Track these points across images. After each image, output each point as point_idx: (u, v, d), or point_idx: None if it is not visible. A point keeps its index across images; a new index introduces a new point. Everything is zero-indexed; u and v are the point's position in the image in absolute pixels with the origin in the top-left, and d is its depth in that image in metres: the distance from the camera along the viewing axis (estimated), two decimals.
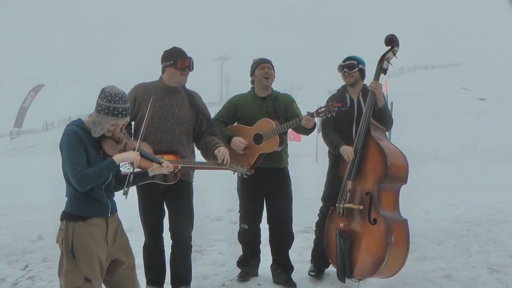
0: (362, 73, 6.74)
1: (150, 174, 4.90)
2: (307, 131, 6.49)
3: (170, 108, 6.07)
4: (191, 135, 6.24)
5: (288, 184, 6.81)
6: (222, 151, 5.88)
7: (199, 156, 6.34)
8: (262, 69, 6.65)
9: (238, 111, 6.74)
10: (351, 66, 6.64)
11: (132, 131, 6.24)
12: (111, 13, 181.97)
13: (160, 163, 4.87)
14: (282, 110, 6.64)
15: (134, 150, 4.65)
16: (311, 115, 6.21)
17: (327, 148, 6.97)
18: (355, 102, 6.67)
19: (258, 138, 6.47)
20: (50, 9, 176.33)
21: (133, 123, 6.23)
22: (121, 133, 4.71)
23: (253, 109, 6.65)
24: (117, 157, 4.46)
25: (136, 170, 4.70)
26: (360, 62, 6.70)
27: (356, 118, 6.59)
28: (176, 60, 5.97)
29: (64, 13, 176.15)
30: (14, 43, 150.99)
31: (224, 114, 6.78)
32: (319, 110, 6.21)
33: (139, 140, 4.84)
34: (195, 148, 6.38)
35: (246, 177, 5.96)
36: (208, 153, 6.07)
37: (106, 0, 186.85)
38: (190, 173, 6.19)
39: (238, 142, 6.47)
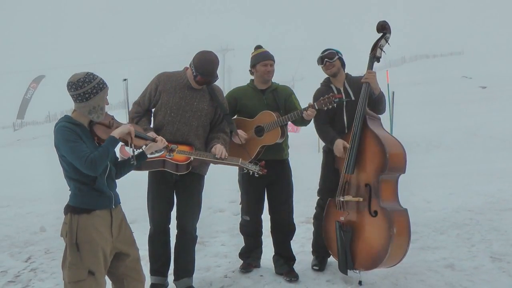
0: (342, 61, 6.74)
1: (148, 152, 4.93)
2: (306, 122, 6.51)
3: (190, 100, 6.09)
4: (208, 128, 6.26)
5: (289, 175, 6.82)
6: (219, 148, 5.93)
7: None
8: (264, 66, 6.62)
9: (238, 104, 6.74)
10: (331, 56, 6.64)
11: (152, 118, 6.26)
12: (112, 5, 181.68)
13: (153, 140, 4.89)
14: (282, 102, 6.64)
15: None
16: (312, 106, 6.20)
17: None
18: (342, 91, 6.67)
19: (259, 131, 6.46)
20: (50, 1, 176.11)
21: (153, 110, 6.26)
22: (110, 117, 4.74)
23: (253, 101, 6.64)
24: (115, 133, 4.49)
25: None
26: (338, 51, 6.72)
27: (345, 106, 6.59)
28: (197, 75, 5.97)
29: (64, 4, 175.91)
30: (15, 34, 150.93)
31: None
32: (320, 102, 6.19)
33: (127, 116, 4.90)
34: None
35: (257, 176, 5.99)
36: (207, 150, 6.10)
37: None
38: (204, 166, 6.22)
39: (239, 135, 6.45)
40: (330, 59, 6.62)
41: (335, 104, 6.15)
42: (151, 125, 6.19)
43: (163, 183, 6.10)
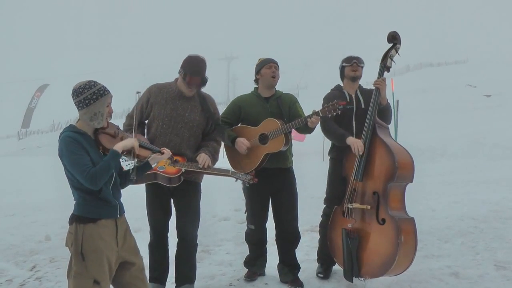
0: (362, 70, 6.81)
1: (152, 163, 4.94)
2: (310, 130, 6.49)
3: (181, 111, 6.15)
4: (200, 138, 6.31)
5: (293, 183, 6.81)
6: (202, 157, 6.00)
7: None
8: (269, 68, 6.65)
9: (242, 112, 6.74)
10: (361, 60, 6.73)
11: (146, 130, 6.30)
12: (118, 13, 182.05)
13: (159, 151, 4.92)
14: (286, 110, 6.64)
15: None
16: (316, 113, 6.20)
17: (329, 149, 6.99)
18: (354, 98, 6.70)
19: (263, 138, 6.45)
20: (53, 10, 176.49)
21: (146, 121, 6.29)
22: (115, 127, 4.76)
23: (257, 109, 6.64)
24: (117, 146, 4.49)
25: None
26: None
27: (355, 114, 6.62)
28: (186, 74, 6.03)
29: (69, 12, 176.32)
30: (19, 43, 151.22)
31: (228, 115, 6.78)
32: (325, 109, 6.18)
33: (134, 129, 4.93)
34: None
35: (248, 185, 6.06)
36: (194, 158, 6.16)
37: (115, 1, 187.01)
38: (199, 173, 6.23)
39: (241, 143, 6.49)
40: (359, 62, 6.70)
41: (339, 111, 6.12)
42: (145, 137, 6.23)
43: (160, 193, 6.18)
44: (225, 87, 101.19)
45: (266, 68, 6.66)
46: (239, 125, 6.79)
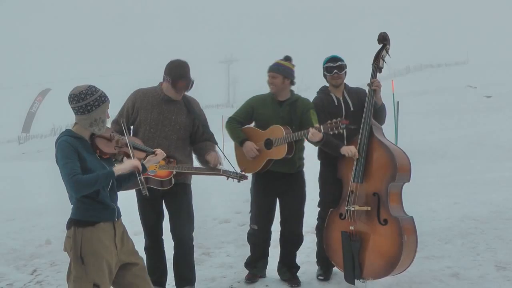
0: (346, 74, 6.76)
1: (147, 165, 4.89)
2: (316, 143, 6.43)
3: (168, 115, 6.21)
4: (187, 140, 6.38)
5: (301, 185, 6.87)
6: (213, 156, 6.12)
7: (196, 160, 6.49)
8: (268, 77, 6.70)
9: (254, 113, 6.79)
10: (342, 67, 6.64)
11: (131, 135, 6.30)
12: (119, 17, 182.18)
13: (153, 152, 4.92)
14: (297, 117, 6.63)
15: (126, 145, 4.76)
16: (318, 129, 6.18)
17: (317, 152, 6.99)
18: (342, 101, 6.69)
19: (268, 143, 6.50)
20: (55, 15, 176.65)
21: (132, 127, 6.33)
22: (110, 130, 4.78)
23: (269, 112, 6.67)
24: (116, 169, 4.47)
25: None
26: (345, 65, 6.73)
27: (345, 117, 6.52)
28: (174, 80, 6.08)
29: (69, 18, 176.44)
30: (21, 48, 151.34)
31: (241, 114, 6.83)
32: (327, 125, 6.12)
33: (125, 134, 4.94)
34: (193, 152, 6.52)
35: (239, 182, 6.13)
36: (201, 158, 6.29)
37: (115, 5, 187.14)
38: (187, 175, 6.30)
39: (250, 149, 6.55)
40: (340, 71, 6.62)
41: (341, 130, 6.06)
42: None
43: (151, 197, 6.09)
44: (226, 89, 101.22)
45: (268, 77, 6.72)
46: (252, 125, 6.88)
